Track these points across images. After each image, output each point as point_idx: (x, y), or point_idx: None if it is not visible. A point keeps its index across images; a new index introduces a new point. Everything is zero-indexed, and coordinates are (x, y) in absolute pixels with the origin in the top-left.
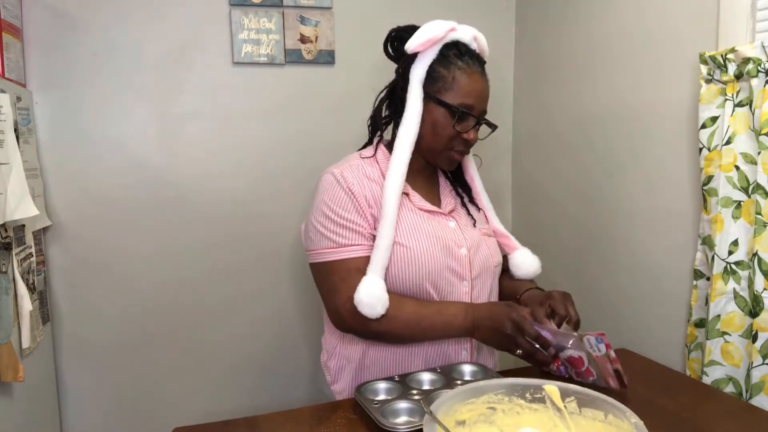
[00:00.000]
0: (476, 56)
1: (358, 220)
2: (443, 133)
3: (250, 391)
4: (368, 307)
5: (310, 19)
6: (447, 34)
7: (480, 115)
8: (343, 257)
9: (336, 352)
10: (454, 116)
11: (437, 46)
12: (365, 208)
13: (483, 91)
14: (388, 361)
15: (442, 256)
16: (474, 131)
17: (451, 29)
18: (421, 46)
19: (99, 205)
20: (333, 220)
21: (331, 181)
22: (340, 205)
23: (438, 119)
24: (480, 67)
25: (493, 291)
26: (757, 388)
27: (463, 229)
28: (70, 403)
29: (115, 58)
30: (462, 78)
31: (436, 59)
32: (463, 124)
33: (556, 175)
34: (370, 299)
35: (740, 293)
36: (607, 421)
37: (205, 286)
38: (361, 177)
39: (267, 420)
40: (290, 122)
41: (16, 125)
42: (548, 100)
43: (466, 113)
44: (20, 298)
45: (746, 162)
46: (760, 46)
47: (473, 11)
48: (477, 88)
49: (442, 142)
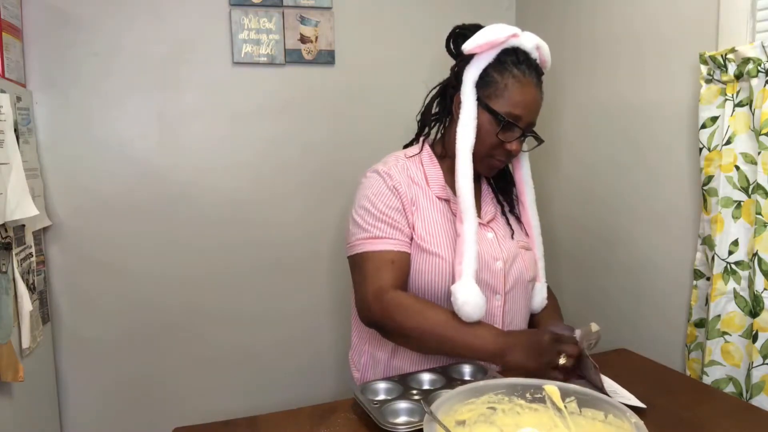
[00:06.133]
0: (534, 66)
1: (398, 216)
2: (486, 140)
3: (250, 391)
4: (469, 313)
5: (310, 19)
6: (507, 39)
7: (527, 126)
8: (378, 249)
9: (365, 350)
10: (499, 125)
11: (495, 50)
12: (408, 207)
13: (534, 102)
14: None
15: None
16: (518, 142)
17: (513, 35)
18: (478, 48)
19: (99, 205)
20: (373, 214)
21: (376, 178)
22: (382, 201)
23: (483, 125)
24: (536, 77)
25: (525, 306)
26: (757, 388)
27: (500, 240)
28: (70, 403)
29: (116, 58)
30: (514, 86)
31: (492, 63)
32: (508, 134)
33: (557, 174)
34: (472, 307)
35: (740, 293)
36: (607, 421)
37: (205, 285)
38: (406, 178)
39: (267, 420)
40: (290, 122)
41: (16, 125)
42: (548, 99)
43: (512, 123)
44: (20, 298)
45: (746, 162)
46: (760, 46)
47: (473, 11)
48: (528, 99)
49: (484, 148)
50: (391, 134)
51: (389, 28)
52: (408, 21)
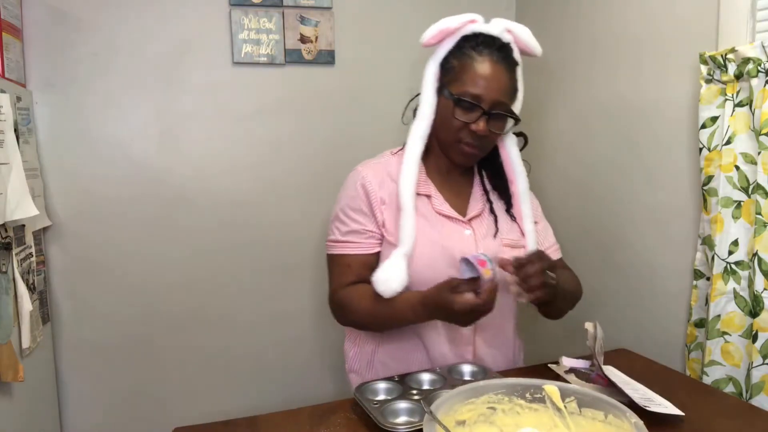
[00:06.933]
0: (499, 47)
1: (361, 218)
2: (449, 125)
3: (250, 391)
4: (382, 291)
5: (310, 19)
6: (463, 25)
7: (492, 105)
8: (338, 252)
9: (356, 343)
10: (457, 106)
11: (454, 38)
12: (377, 207)
13: (494, 79)
14: (392, 363)
15: (445, 266)
16: (483, 122)
17: (470, 21)
18: (432, 38)
19: (99, 205)
20: (339, 218)
21: (352, 178)
22: (351, 203)
23: (445, 111)
24: (499, 56)
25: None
26: (757, 388)
27: (479, 239)
28: (70, 403)
29: (116, 58)
30: (470, 67)
31: (451, 51)
32: (469, 114)
33: (557, 174)
34: (382, 284)
35: (740, 293)
36: (607, 421)
37: (205, 285)
38: (383, 176)
39: (267, 420)
40: (290, 122)
41: (16, 125)
42: (548, 99)
43: (470, 102)
44: (20, 298)
45: (746, 162)
46: (760, 46)
47: (473, 11)
48: (486, 75)
49: (450, 134)
50: (390, 134)
51: (389, 28)
52: (408, 21)
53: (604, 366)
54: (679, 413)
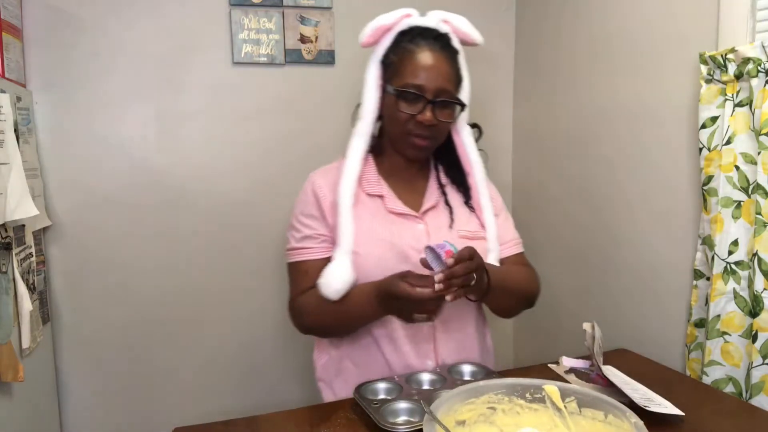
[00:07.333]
0: (436, 36)
1: (314, 224)
2: (396, 119)
3: (250, 391)
4: (328, 294)
5: (310, 19)
6: (399, 21)
7: (436, 94)
8: (294, 260)
9: (323, 349)
10: (400, 98)
11: (390, 35)
12: (328, 211)
13: (435, 68)
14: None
15: (396, 262)
16: (429, 111)
17: (405, 15)
18: (370, 37)
19: (99, 205)
20: (294, 225)
21: (306, 185)
22: (303, 209)
23: (389, 106)
24: (438, 45)
25: (462, 302)
26: (757, 388)
27: (432, 231)
28: (70, 403)
29: (116, 58)
30: (409, 59)
31: (389, 48)
32: (414, 105)
33: (557, 174)
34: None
35: (740, 293)
36: (607, 421)
37: (205, 285)
38: (335, 180)
39: (267, 420)
40: (290, 122)
41: (16, 125)
42: (548, 99)
43: (410, 93)
44: (20, 298)
45: (746, 162)
46: (760, 46)
47: (473, 11)
48: (426, 65)
49: (397, 127)
50: None
51: None
52: None
53: (603, 366)
54: (679, 413)
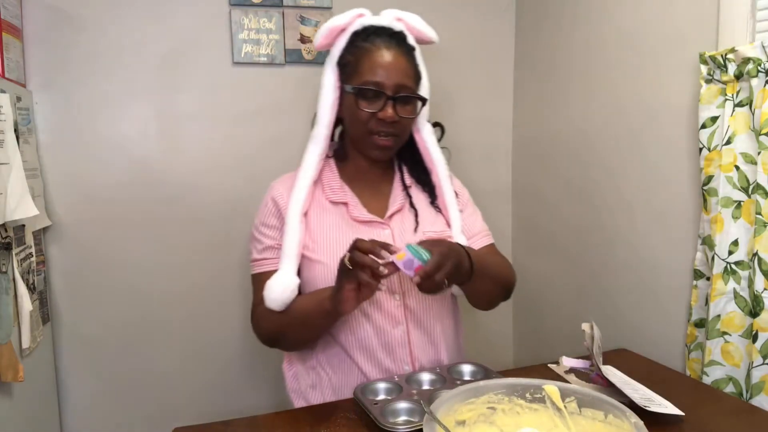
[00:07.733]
0: (391, 34)
1: (275, 234)
2: (357, 119)
3: (250, 391)
4: (271, 306)
5: (310, 19)
6: (352, 21)
7: (396, 90)
8: (256, 271)
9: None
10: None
11: (345, 36)
12: None
13: (392, 64)
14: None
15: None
16: (390, 108)
17: (358, 15)
18: (324, 39)
19: (99, 205)
20: (255, 236)
21: (266, 194)
22: (263, 220)
23: (349, 107)
24: (393, 42)
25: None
26: (757, 388)
27: (398, 236)
28: (70, 403)
29: (116, 58)
30: (365, 57)
31: (345, 49)
32: (373, 103)
33: (556, 175)
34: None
35: (740, 293)
36: (607, 421)
37: (205, 285)
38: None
39: (267, 420)
40: (290, 122)
41: (16, 125)
42: (548, 99)
43: (370, 90)
44: (20, 298)
45: (746, 162)
46: (760, 46)
47: (473, 11)
48: (383, 62)
49: (359, 127)
50: None
51: None
52: None
53: (603, 366)
54: (679, 413)
